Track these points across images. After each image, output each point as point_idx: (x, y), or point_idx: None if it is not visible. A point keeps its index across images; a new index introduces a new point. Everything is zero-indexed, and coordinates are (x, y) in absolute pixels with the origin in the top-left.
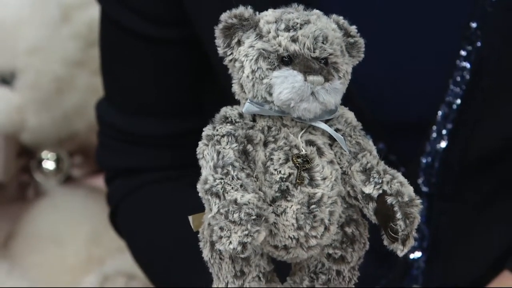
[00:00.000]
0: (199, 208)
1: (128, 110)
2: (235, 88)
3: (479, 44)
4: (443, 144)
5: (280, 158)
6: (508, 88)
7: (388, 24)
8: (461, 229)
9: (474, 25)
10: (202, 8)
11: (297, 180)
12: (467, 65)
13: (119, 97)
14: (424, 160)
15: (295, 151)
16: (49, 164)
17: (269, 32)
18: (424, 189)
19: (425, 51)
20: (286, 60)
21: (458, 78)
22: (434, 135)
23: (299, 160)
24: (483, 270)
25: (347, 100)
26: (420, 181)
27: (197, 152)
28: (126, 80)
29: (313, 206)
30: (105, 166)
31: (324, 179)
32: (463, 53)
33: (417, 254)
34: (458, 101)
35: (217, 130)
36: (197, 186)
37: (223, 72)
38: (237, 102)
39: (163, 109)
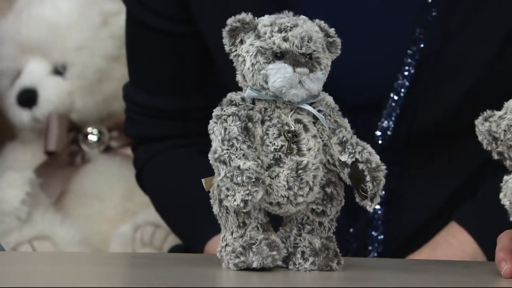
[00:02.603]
0: (209, 171)
1: (147, 89)
2: (239, 77)
3: (422, 45)
4: (392, 123)
5: (274, 133)
6: (444, 81)
7: (351, 26)
8: (408, 186)
9: (418, 30)
10: (205, 11)
11: (288, 151)
12: (412, 61)
13: (140, 79)
14: (377, 135)
15: (286, 128)
16: (92, 137)
17: (265, 33)
18: None
19: (380, 50)
20: (279, 56)
21: (405, 72)
22: (385, 115)
23: (289, 134)
24: (429, 218)
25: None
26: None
27: (208, 129)
28: (146, 65)
29: (300, 171)
30: (131, 135)
31: (309, 149)
32: (409, 52)
33: (377, 207)
34: (405, 90)
35: (224, 111)
36: (208, 155)
37: (221, 60)
38: (232, 87)
39: (175, 88)
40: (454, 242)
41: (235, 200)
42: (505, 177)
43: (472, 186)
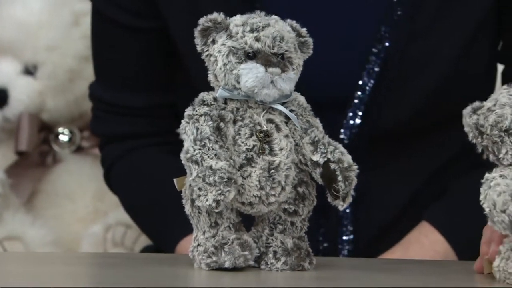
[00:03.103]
0: (180, 171)
1: (114, 87)
2: (211, 77)
3: (387, 44)
4: (357, 121)
5: (246, 133)
6: (409, 80)
7: (316, 25)
8: (374, 185)
9: (383, 29)
10: (173, 7)
11: (260, 150)
12: (377, 60)
13: (107, 77)
14: (342, 133)
15: (258, 127)
16: (64, 137)
17: (237, 33)
18: None
19: (345, 48)
20: (251, 55)
21: (370, 70)
22: (351, 113)
23: (261, 134)
24: (395, 216)
25: None
26: None
27: (180, 128)
28: (113, 62)
29: (272, 171)
30: (98, 133)
31: (281, 149)
32: (374, 50)
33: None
34: (370, 88)
35: (196, 111)
36: (180, 155)
37: (189, 57)
38: (200, 83)
39: (142, 85)
40: (426, 242)
41: (207, 200)
42: (487, 175)
43: (438, 183)
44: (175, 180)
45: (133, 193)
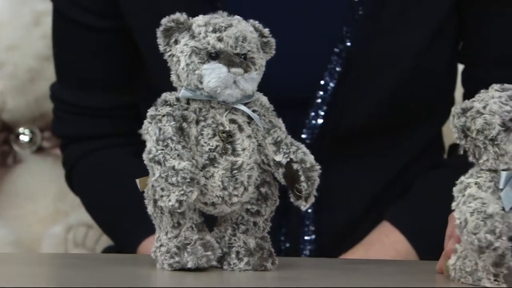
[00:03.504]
0: (141, 171)
1: (76, 87)
2: (173, 77)
3: (349, 43)
4: (320, 121)
5: (209, 133)
6: (371, 80)
7: (279, 25)
8: (336, 184)
9: (345, 28)
10: (134, 7)
11: (222, 151)
12: (339, 60)
13: (68, 77)
14: (304, 133)
15: (221, 128)
16: (24, 137)
17: (200, 33)
18: None
19: (307, 48)
20: (214, 56)
21: (332, 70)
22: (313, 113)
23: (224, 135)
24: (358, 216)
25: None
26: None
27: (142, 129)
28: (74, 62)
29: (235, 171)
30: (59, 134)
31: (243, 149)
32: (336, 50)
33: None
34: (331, 88)
35: (158, 111)
36: (143, 156)
37: (150, 57)
38: (162, 83)
39: (104, 85)
40: (387, 242)
41: (169, 200)
42: (462, 178)
43: (400, 183)
44: (137, 180)
45: (94, 193)
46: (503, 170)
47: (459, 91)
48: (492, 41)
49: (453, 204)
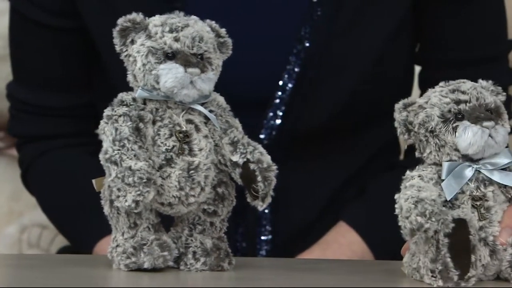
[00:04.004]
0: (98, 171)
1: (33, 86)
2: (130, 78)
3: (307, 44)
4: (278, 121)
5: (165, 134)
6: (329, 81)
7: (238, 27)
8: (294, 185)
9: (304, 29)
10: (91, 7)
11: (179, 151)
12: (298, 60)
13: (25, 76)
14: (262, 133)
15: (178, 128)
16: None
17: (156, 33)
18: None
19: (266, 48)
20: (170, 56)
21: (291, 70)
22: (271, 114)
23: (180, 135)
24: (315, 216)
25: None
26: None
27: (99, 129)
28: (31, 62)
29: (192, 171)
30: (16, 134)
31: (200, 150)
32: (294, 50)
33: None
34: (290, 88)
35: (115, 111)
36: (99, 156)
37: (107, 57)
38: (119, 83)
39: (61, 85)
40: (343, 242)
41: (126, 200)
42: (407, 172)
43: (357, 184)
44: (93, 181)
45: (51, 193)
46: (446, 161)
47: (415, 92)
48: (448, 42)
49: (396, 196)
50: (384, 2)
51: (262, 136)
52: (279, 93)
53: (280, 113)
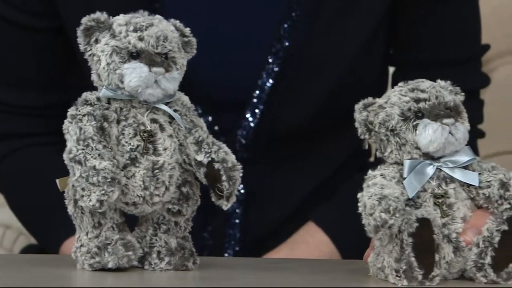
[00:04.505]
0: (66, 171)
1: (6, 85)
2: (94, 77)
3: (287, 43)
4: (255, 121)
5: (130, 133)
6: (308, 81)
7: (218, 26)
8: (268, 185)
9: (283, 28)
10: (70, 7)
11: (144, 150)
12: (276, 59)
13: (0, 75)
14: (240, 133)
15: (142, 127)
16: None
17: (120, 33)
18: (239, 155)
19: (245, 47)
20: (135, 55)
21: (270, 70)
22: (249, 113)
23: (145, 134)
24: (286, 216)
25: (186, 80)
26: (236, 148)
27: (63, 128)
28: (6, 60)
29: (156, 171)
30: None
31: (165, 149)
32: (273, 50)
33: (235, 205)
34: (268, 88)
35: (79, 111)
36: (63, 155)
37: (81, 58)
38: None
39: (36, 84)
40: (311, 242)
41: (90, 200)
42: (369, 172)
43: (331, 185)
44: (57, 180)
45: (19, 192)
46: (407, 159)
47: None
48: (423, 44)
49: (359, 195)
50: (364, 3)
51: (240, 135)
52: (258, 92)
53: (258, 113)
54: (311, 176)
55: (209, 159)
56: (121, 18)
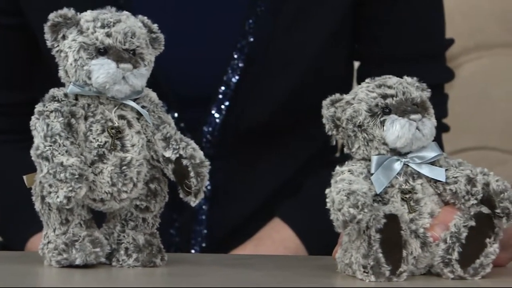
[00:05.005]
0: (34, 167)
1: None
2: (61, 73)
3: (251, 39)
4: (221, 117)
5: (97, 129)
6: (272, 77)
7: (183, 22)
8: (234, 181)
9: (248, 24)
10: (34, 4)
11: (111, 147)
12: (241, 55)
13: None
14: (205, 129)
15: (110, 124)
16: None
17: (88, 29)
18: (205, 151)
19: (210, 43)
20: (102, 51)
21: (235, 65)
22: (214, 109)
23: (113, 131)
24: (253, 213)
25: (152, 77)
26: (202, 145)
27: (30, 125)
28: None
29: (124, 167)
30: None
31: (133, 145)
32: (238, 45)
33: (201, 202)
34: (233, 83)
35: (46, 107)
36: (31, 152)
37: (48, 53)
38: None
39: (2, 82)
40: (277, 238)
41: (58, 196)
42: (337, 168)
43: (297, 181)
44: (24, 177)
45: None
46: (375, 155)
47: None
48: (388, 38)
49: (327, 190)
50: (324, 2)
51: (205, 132)
52: (223, 88)
53: (224, 109)
54: (278, 172)
55: (177, 155)
56: (88, 14)
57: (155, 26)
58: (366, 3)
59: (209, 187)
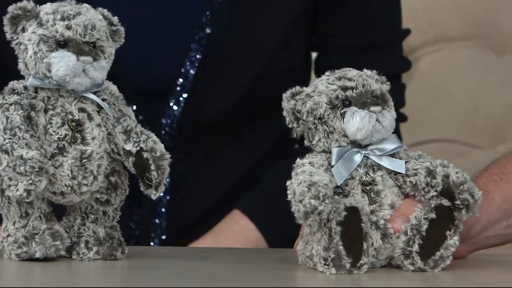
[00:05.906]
0: None
1: None
2: (21, 66)
3: (209, 31)
4: (179, 109)
5: (57, 122)
6: (230, 69)
7: (140, 15)
8: (194, 173)
9: (205, 15)
10: None
11: (72, 140)
12: (199, 47)
13: None
14: (164, 121)
15: (70, 117)
16: None
17: (48, 21)
18: (164, 143)
19: (168, 35)
20: (62, 44)
21: (193, 57)
22: (173, 101)
23: (73, 123)
24: (213, 205)
25: (110, 69)
26: (162, 137)
27: None
28: None
29: (84, 160)
30: None
31: (93, 138)
32: (196, 37)
33: (161, 195)
34: (191, 75)
35: (6, 100)
36: None
37: (4, 45)
38: (18, 75)
39: None
40: (237, 230)
41: (17, 190)
42: (298, 160)
43: (257, 174)
44: None
45: None
46: (335, 147)
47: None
48: (344, 28)
49: (288, 182)
50: None
51: (164, 124)
52: (181, 80)
53: (182, 101)
54: (237, 164)
55: (138, 148)
56: (48, 7)
57: (115, 19)
58: None
59: (168, 180)
